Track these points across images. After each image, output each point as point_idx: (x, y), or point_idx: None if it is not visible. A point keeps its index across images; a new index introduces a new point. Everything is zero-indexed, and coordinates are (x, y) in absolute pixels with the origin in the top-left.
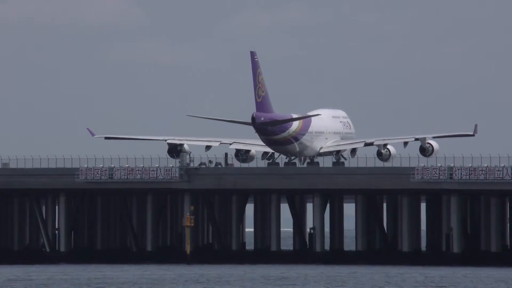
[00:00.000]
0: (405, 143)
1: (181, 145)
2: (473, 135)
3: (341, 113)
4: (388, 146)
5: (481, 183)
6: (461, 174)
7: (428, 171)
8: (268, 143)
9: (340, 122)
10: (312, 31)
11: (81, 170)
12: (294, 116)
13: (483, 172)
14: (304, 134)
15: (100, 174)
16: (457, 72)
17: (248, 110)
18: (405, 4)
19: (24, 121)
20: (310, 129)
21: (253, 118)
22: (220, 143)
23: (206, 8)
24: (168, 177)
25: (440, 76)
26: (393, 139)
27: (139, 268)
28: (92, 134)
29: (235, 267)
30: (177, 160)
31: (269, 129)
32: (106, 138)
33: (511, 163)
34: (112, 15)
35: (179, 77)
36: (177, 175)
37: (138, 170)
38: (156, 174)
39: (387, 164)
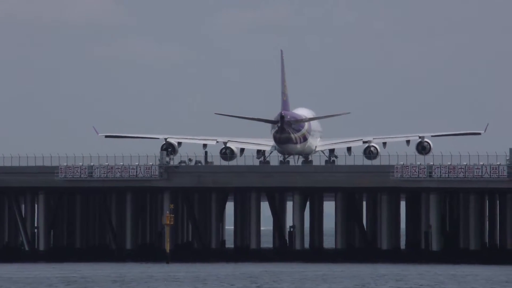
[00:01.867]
0: (408, 141)
1: (180, 143)
2: (479, 134)
3: (313, 112)
4: (375, 145)
5: (460, 181)
6: (440, 172)
7: (407, 169)
8: (281, 141)
9: (317, 121)
10: (299, 30)
11: (61, 168)
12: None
13: (462, 170)
14: (310, 133)
15: (80, 172)
16: (452, 71)
17: (237, 108)
18: (400, 2)
19: (3, 119)
20: (312, 128)
21: (282, 116)
22: (217, 141)
23: (193, 7)
24: (148, 175)
25: (435, 75)
26: (390, 137)
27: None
28: (97, 133)
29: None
30: (157, 158)
31: (292, 127)
32: (106, 136)
33: (490, 162)
34: (100, 13)
35: (176, 75)
36: (156, 173)
37: (118, 168)
38: (136, 172)
39: (367, 162)
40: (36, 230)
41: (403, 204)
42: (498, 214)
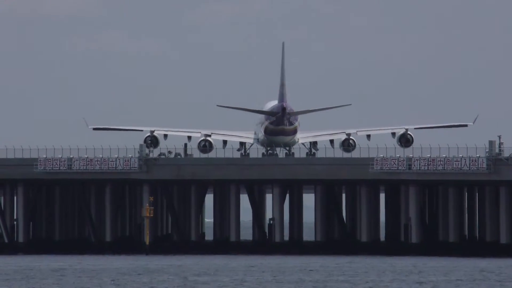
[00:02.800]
0: (393, 134)
1: (166, 135)
2: (466, 126)
3: None
4: (353, 137)
5: (439, 174)
6: (419, 164)
7: (387, 162)
8: (275, 133)
9: None
10: (281, 23)
11: (40, 160)
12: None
13: (441, 162)
14: (298, 126)
15: (59, 164)
16: (442, 63)
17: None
18: None
19: None
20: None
21: (283, 108)
22: (201, 133)
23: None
24: (127, 168)
25: (424, 67)
26: (374, 129)
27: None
28: (88, 125)
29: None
30: (136, 150)
31: (290, 120)
32: (94, 129)
33: (470, 154)
34: (84, 5)
35: (164, 68)
36: (136, 165)
37: (97, 161)
38: (115, 164)
39: (347, 155)
40: (15, 222)
41: (382, 197)
42: (477, 207)
